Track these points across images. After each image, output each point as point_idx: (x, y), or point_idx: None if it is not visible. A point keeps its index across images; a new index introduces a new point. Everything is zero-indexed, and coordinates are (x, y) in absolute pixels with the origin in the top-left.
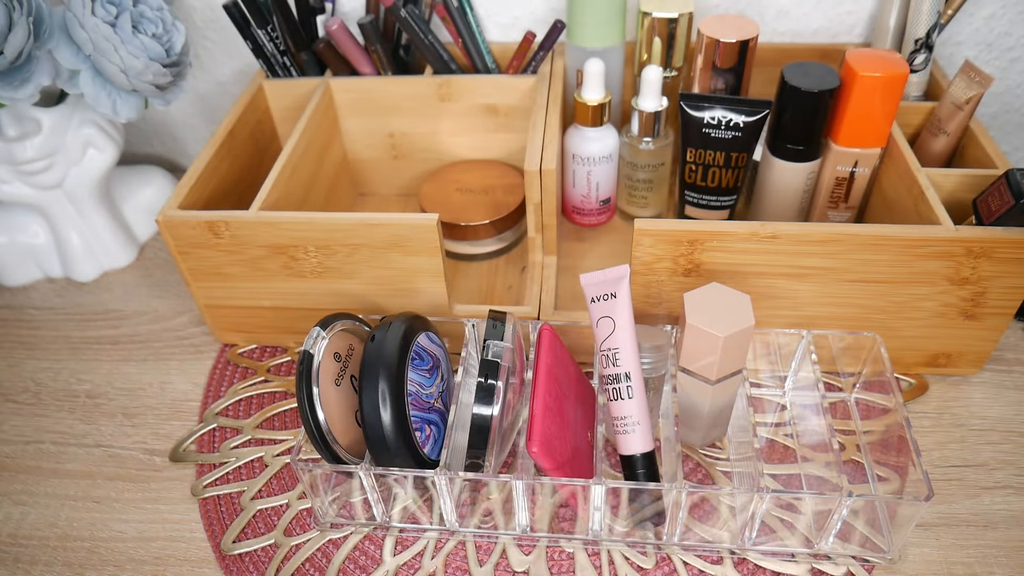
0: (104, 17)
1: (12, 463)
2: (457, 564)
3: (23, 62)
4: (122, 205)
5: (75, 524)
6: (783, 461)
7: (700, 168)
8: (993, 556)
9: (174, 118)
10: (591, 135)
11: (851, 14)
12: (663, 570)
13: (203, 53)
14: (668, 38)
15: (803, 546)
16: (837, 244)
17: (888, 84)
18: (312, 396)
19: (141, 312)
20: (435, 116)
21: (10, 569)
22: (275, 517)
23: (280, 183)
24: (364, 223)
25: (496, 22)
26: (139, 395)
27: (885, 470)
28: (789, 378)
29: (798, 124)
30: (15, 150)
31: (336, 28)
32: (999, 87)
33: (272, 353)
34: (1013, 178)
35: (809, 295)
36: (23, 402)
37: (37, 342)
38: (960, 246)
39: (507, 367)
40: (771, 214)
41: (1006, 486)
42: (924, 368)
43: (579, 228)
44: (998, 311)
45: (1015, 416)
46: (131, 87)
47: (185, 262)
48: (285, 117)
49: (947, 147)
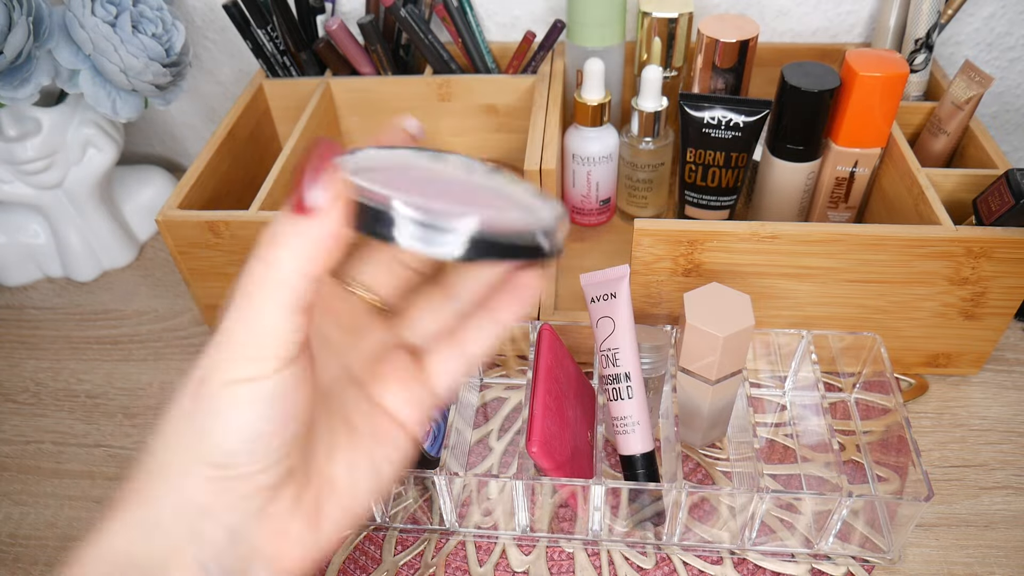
0: (104, 17)
1: (12, 463)
2: (457, 564)
3: (23, 62)
4: (122, 205)
5: (75, 524)
6: (783, 461)
7: (700, 168)
8: (993, 556)
9: (174, 118)
10: (591, 135)
11: (851, 14)
12: (663, 570)
13: (203, 53)
14: (668, 38)
15: (803, 546)
16: (837, 244)
17: (888, 84)
18: None
19: (141, 312)
20: (435, 116)
21: (10, 569)
22: None
23: (280, 183)
24: None
25: (496, 22)
26: (139, 395)
27: (885, 470)
28: (789, 378)
29: (798, 124)
30: (15, 150)
31: (336, 28)
32: (999, 87)
33: None
34: (1013, 178)
35: (809, 295)
36: (23, 402)
37: (37, 342)
38: (960, 246)
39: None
40: (771, 214)
41: (1006, 486)
42: (924, 368)
43: (579, 228)
44: (998, 311)
45: (1015, 416)
46: (131, 87)
47: (185, 262)
48: (285, 117)
49: (947, 147)
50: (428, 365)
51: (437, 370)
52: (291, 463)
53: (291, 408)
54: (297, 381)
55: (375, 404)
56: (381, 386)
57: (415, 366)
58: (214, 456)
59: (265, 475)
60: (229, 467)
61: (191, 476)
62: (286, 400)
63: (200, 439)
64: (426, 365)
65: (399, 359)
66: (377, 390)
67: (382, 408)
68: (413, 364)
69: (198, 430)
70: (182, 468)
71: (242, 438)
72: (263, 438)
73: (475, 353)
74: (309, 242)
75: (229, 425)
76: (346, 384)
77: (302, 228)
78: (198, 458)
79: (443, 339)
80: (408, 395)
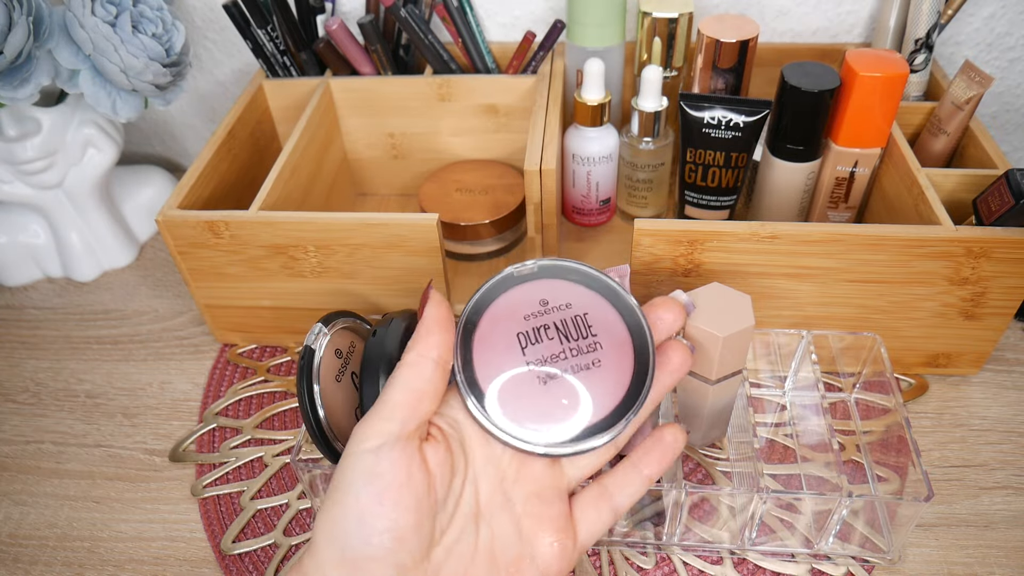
0: (104, 17)
1: (12, 463)
2: None
3: (23, 62)
4: (122, 205)
5: (75, 524)
6: (783, 461)
7: (700, 168)
8: (993, 556)
9: (174, 118)
10: (591, 135)
11: (851, 14)
12: (663, 570)
13: (203, 53)
14: (668, 38)
15: (803, 546)
16: (837, 244)
17: (888, 84)
18: (313, 392)
19: (141, 312)
20: (435, 116)
21: (10, 569)
22: (275, 517)
23: (280, 183)
24: (364, 223)
25: (496, 22)
26: (139, 395)
27: (885, 470)
28: (789, 378)
29: (798, 124)
30: (15, 150)
31: (336, 28)
32: (999, 87)
33: (272, 353)
34: (1013, 178)
35: (809, 295)
36: (23, 402)
37: (37, 342)
38: (960, 246)
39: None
40: (771, 214)
41: (1006, 486)
42: (924, 368)
43: (579, 228)
44: (998, 311)
45: (1015, 416)
46: (131, 87)
47: (185, 262)
48: (285, 117)
49: (947, 147)
50: (578, 513)
51: (585, 519)
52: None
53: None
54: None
55: (525, 545)
56: (537, 533)
57: (570, 517)
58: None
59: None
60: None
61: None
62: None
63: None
64: (576, 513)
65: (560, 508)
66: (532, 533)
67: (530, 555)
68: (570, 514)
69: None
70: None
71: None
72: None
73: (622, 506)
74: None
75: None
76: (503, 511)
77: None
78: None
79: (595, 491)
80: (560, 550)
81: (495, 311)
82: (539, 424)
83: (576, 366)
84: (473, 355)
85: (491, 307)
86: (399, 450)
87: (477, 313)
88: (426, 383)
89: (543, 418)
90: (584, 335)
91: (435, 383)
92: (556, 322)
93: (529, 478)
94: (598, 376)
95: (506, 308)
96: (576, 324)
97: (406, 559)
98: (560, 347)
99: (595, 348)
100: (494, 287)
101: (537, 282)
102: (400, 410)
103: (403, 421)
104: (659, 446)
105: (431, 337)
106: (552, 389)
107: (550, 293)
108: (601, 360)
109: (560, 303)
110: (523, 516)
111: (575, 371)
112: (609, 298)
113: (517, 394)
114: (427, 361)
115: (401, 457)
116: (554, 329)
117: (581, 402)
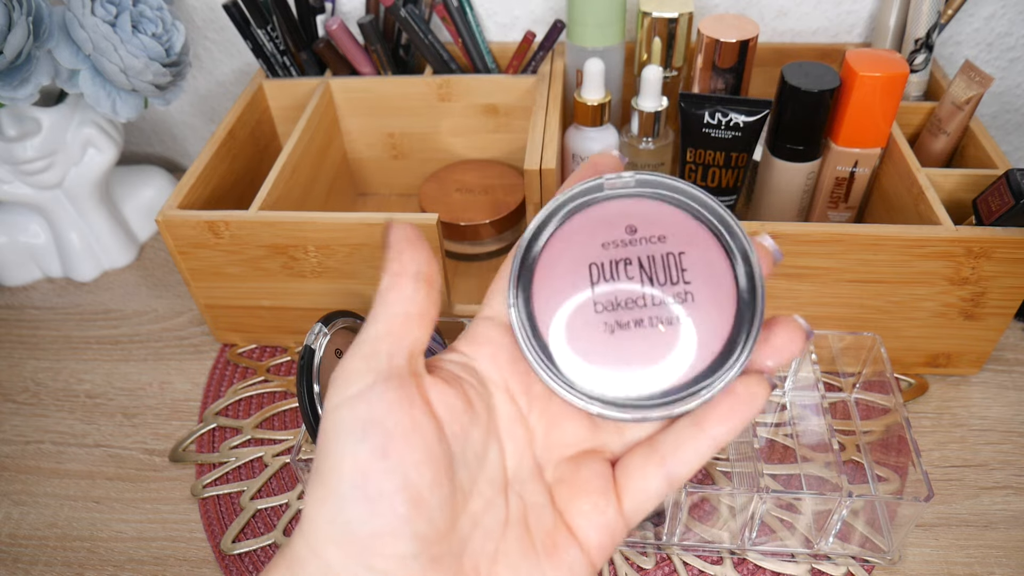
0: (104, 17)
1: (12, 463)
2: None
3: (23, 62)
4: (122, 205)
5: (75, 524)
6: (783, 461)
7: (700, 168)
8: (993, 556)
9: (174, 118)
10: (591, 135)
11: (851, 14)
12: (663, 570)
13: (203, 53)
14: (668, 38)
15: (803, 546)
16: (837, 244)
17: (888, 84)
18: (313, 392)
19: (141, 312)
20: (435, 116)
21: (10, 569)
22: (275, 517)
23: (280, 183)
24: (364, 223)
25: (496, 22)
26: (139, 395)
27: (885, 470)
28: (789, 378)
29: (798, 124)
30: (15, 150)
31: (336, 28)
32: (999, 87)
33: (272, 353)
34: (1013, 178)
35: (809, 295)
36: (23, 402)
37: (37, 342)
38: (960, 246)
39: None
40: (771, 214)
41: (1006, 486)
42: (924, 368)
43: None
44: (998, 311)
45: (1015, 416)
46: (131, 87)
47: (185, 262)
48: (285, 117)
49: (947, 147)
50: (622, 480)
51: (632, 487)
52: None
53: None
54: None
55: (560, 517)
56: (572, 499)
57: (612, 481)
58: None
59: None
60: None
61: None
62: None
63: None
64: (619, 480)
65: (598, 469)
66: (566, 501)
67: (566, 526)
68: (611, 478)
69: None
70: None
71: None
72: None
73: (679, 474)
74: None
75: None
76: (534, 479)
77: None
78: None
79: (644, 452)
80: (600, 519)
81: (568, 230)
82: (598, 381)
83: (653, 318)
84: (533, 285)
85: (566, 225)
86: (394, 389)
87: (543, 230)
88: (409, 303)
89: (604, 375)
90: (674, 280)
91: (420, 303)
92: (642, 257)
93: (561, 441)
94: (676, 336)
95: (583, 228)
96: (666, 264)
97: (426, 529)
98: (640, 291)
99: (684, 299)
100: (575, 200)
101: (628, 200)
102: (384, 342)
103: (390, 354)
104: (728, 399)
105: (403, 255)
106: (620, 340)
107: (642, 218)
108: (689, 315)
109: (652, 233)
110: (556, 483)
111: (651, 324)
112: (719, 236)
113: (577, 338)
114: (405, 279)
115: (399, 397)
116: (636, 266)
117: (651, 365)
